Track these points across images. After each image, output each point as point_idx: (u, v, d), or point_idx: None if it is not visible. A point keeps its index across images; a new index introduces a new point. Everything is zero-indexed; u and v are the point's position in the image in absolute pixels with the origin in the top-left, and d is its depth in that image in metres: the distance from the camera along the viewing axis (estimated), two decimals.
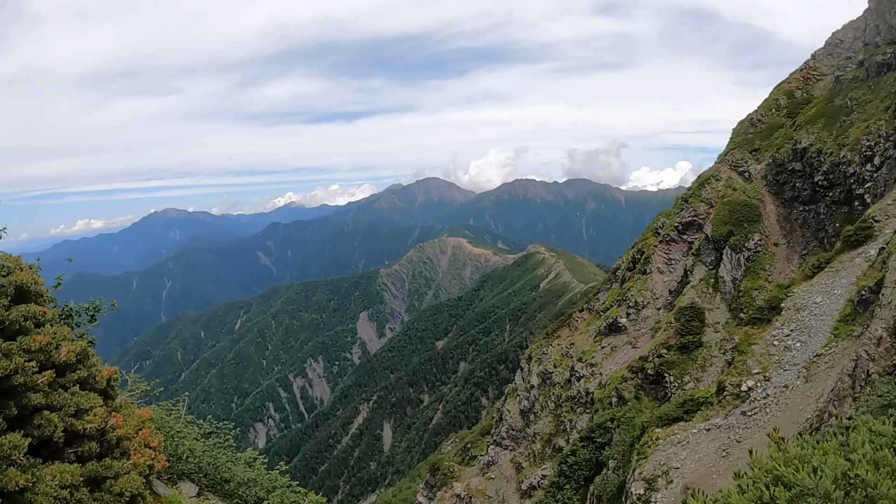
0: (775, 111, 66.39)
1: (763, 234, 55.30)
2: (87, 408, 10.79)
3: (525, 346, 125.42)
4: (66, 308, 15.68)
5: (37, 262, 12.89)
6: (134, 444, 12.03)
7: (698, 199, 61.72)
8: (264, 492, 21.53)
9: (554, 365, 65.12)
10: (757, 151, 63.12)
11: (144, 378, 22.32)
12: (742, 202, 57.60)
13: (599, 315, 65.70)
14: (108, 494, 10.55)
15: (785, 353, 32.68)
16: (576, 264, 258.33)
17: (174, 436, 19.60)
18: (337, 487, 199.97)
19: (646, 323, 58.64)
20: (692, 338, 50.68)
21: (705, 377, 47.41)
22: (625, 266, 68.21)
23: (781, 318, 36.01)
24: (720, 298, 53.61)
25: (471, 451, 73.87)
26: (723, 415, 32.19)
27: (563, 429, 56.94)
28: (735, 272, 53.97)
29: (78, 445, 10.62)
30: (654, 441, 34.02)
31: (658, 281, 60.84)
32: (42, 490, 8.69)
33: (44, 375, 9.86)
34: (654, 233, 65.86)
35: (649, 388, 50.31)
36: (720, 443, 29.89)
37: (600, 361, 58.88)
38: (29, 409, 9.63)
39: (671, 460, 31.22)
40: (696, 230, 60.17)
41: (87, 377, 11.54)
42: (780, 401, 29.25)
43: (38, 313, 10.87)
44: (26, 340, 10.01)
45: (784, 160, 58.36)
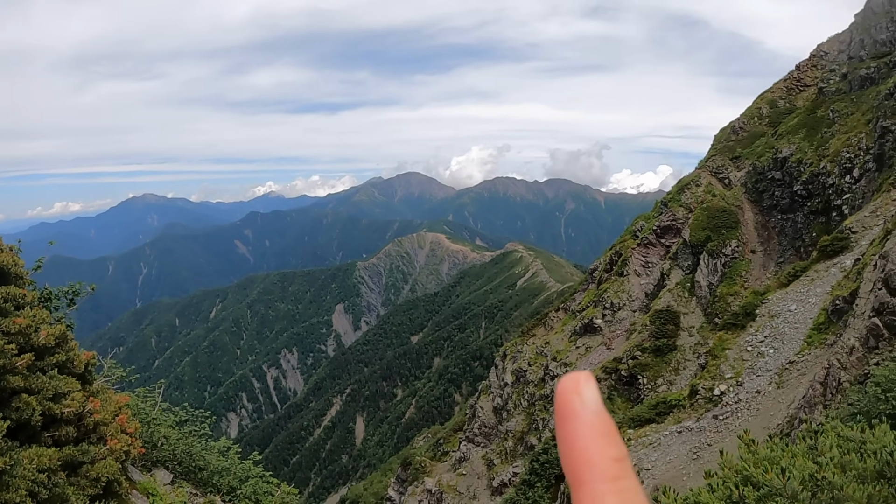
0: (757, 120, 66.93)
1: (741, 240, 55.76)
2: (66, 392, 10.79)
3: (500, 343, 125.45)
4: (45, 291, 15.64)
5: (17, 245, 12.87)
6: (111, 429, 12.03)
7: (678, 204, 62.14)
8: (237, 481, 21.55)
9: (528, 363, 65.29)
10: (738, 159, 63.58)
11: (120, 364, 22.27)
12: (721, 208, 58.03)
13: (575, 315, 65.93)
14: (84, 479, 10.56)
15: (758, 359, 33.03)
16: (553, 264, 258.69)
17: (150, 423, 19.58)
18: (308, 479, 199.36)
19: (621, 324, 58.95)
20: (667, 341, 51.03)
21: (678, 380, 47.78)
22: (602, 267, 68.51)
23: (756, 324, 36.36)
24: (696, 303, 54.01)
25: (443, 447, 73.93)
26: (695, 418, 32.49)
27: (536, 427, 57.13)
28: (711, 277, 54.39)
29: (55, 430, 10.62)
30: (625, 442, 34.22)
31: (635, 283, 61.18)
32: (20, 473, 8.69)
33: (23, 358, 9.85)
34: (632, 235, 66.19)
35: (622, 390, 50.63)
36: (691, 445, 30.17)
37: (574, 361, 59.11)
38: (7, 391, 9.62)
39: (642, 461, 31.46)
40: (675, 234, 60.56)
41: (65, 361, 11.53)
42: (751, 406, 29.58)
43: (18, 295, 10.86)
44: (5, 322, 9.99)
45: (764, 168, 58.82)
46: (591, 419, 0.74)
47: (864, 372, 21.79)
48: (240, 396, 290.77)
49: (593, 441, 0.73)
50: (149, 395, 24.41)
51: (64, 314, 16.18)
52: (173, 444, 20.26)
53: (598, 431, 0.74)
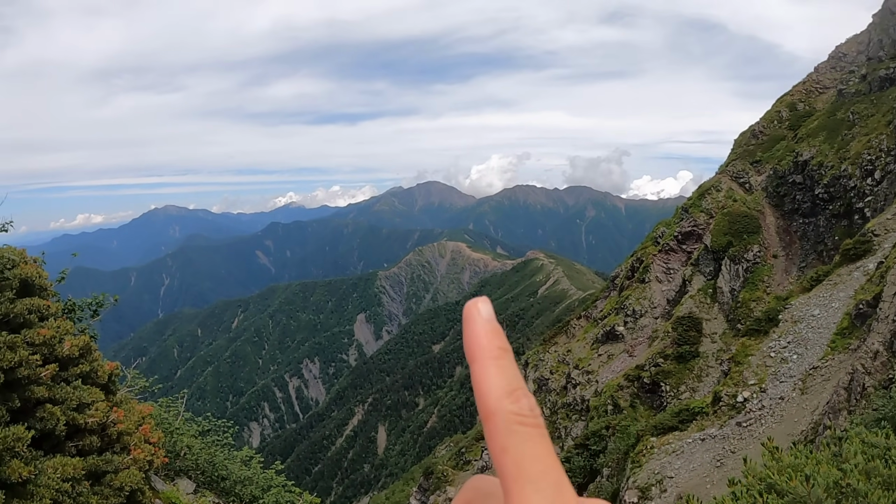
0: (777, 123, 66.52)
1: (762, 245, 55.40)
2: (89, 402, 10.87)
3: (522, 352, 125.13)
4: (68, 302, 15.77)
5: (41, 257, 12.99)
6: (134, 439, 12.11)
7: (698, 210, 61.80)
8: (260, 490, 21.60)
9: (550, 371, 65.12)
10: (758, 163, 63.22)
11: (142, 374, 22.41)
12: (742, 213, 57.69)
13: (597, 323, 65.70)
14: (108, 488, 10.62)
15: (781, 365, 32.76)
16: (574, 271, 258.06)
17: (173, 432, 19.67)
18: (330, 489, 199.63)
19: (643, 332, 58.67)
20: (689, 347, 50.75)
21: (701, 387, 47.48)
22: (623, 274, 68.22)
23: (779, 329, 36.07)
24: (718, 309, 53.68)
25: (465, 456, 73.73)
26: (718, 425, 32.24)
27: (559, 436, 56.94)
28: (733, 283, 54.07)
29: (79, 439, 10.69)
30: (648, 450, 34.04)
31: (656, 290, 60.89)
32: (44, 482, 8.76)
33: (47, 369, 9.93)
34: (653, 242, 65.87)
35: (645, 397, 50.36)
36: (715, 453, 29.94)
37: (597, 369, 58.90)
38: (32, 401, 9.70)
39: (665, 469, 31.26)
40: (696, 240, 60.22)
41: (89, 372, 11.61)
42: (775, 412, 29.33)
43: (42, 307, 10.96)
44: (30, 334, 10.08)
45: (785, 172, 58.47)
46: (485, 321, 0.95)
47: (888, 377, 21.57)
48: (262, 406, 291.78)
49: (485, 334, 0.93)
50: (172, 405, 24.54)
51: (87, 325, 16.29)
52: (196, 454, 20.34)
53: (489, 329, 0.94)
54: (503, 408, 0.90)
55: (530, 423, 0.90)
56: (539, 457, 0.89)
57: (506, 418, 0.89)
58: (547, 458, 0.90)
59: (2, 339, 9.16)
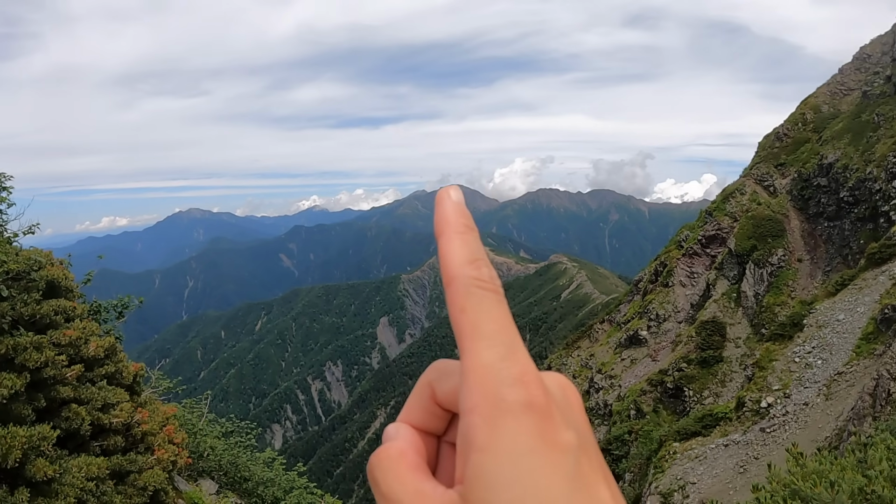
0: (801, 126, 66.05)
1: (787, 249, 55.00)
2: (114, 402, 10.98)
3: (545, 356, 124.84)
4: (94, 304, 15.93)
5: (67, 259, 13.14)
6: (158, 439, 12.21)
7: (722, 213, 61.47)
8: (282, 492, 21.72)
9: (573, 376, 64.91)
10: (782, 166, 62.80)
11: (166, 375, 22.58)
12: (766, 217, 57.31)
13: (620, 327, 65.47)
14: (131, 488, 10.72)
15: (806, 371, 32.52)
16: (598, 275, 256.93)
17: (196, 433, 19.81)
18: (352, 491, 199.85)
19: (666, 336, 58.41)
20: (713, 352, 50.44)
21: (725, 392, 47.18)
22: (647, 278, 67.95)
23: (803, 334, 35.82)
24: (742, 313, 53.35)
25: None
26: (741, 431, 32.05)
27: None
28: (758, 287, 53.71)
29: (104, 439, 10.80)
30: (671, 455, 33.89)
31: (680, 294, 60.61)
32: (68, 481, 8.85)
33: (73, 369, 10.04)
34: (677, 245, 65.54)
35: (668, 402, 50.12)
36: (738, 459, 29.76)
37: (620, 374, 58.69)
38: (57, 401, 9.81)
39: (688, 475, 31.11)
40: (720, 244, 59.89)
41: (114, 372, 11.73)
42: (799, 418, 29.12)
43: (68, 308, 11.07)
44: (56, 335, 10.19)
45: (809, 175, 58.02)
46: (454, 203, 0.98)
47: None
48: (284, 408, 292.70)
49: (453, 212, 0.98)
50: (195, 406, 24.72)
51: (113, 326, 16.46)
52: (219, 455, 20.47)
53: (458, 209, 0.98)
54: (464, 273, 0.95)
55: (489, 288, 0.95)
56: (495, 318, 0.93)
57: (466, 282, 0.94)
58: (503, 319, 0.94)
59: (28, 340, 9.26)
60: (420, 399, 1.04)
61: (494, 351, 0.91)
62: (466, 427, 0.89)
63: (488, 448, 0.87)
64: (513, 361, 0.91)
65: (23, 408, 8.86)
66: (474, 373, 0.91)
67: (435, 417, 1.03)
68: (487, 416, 0.88)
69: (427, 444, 1.03)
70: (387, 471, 0.93)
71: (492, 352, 0.91)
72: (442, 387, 1.02)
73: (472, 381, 0.90)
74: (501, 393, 0.88)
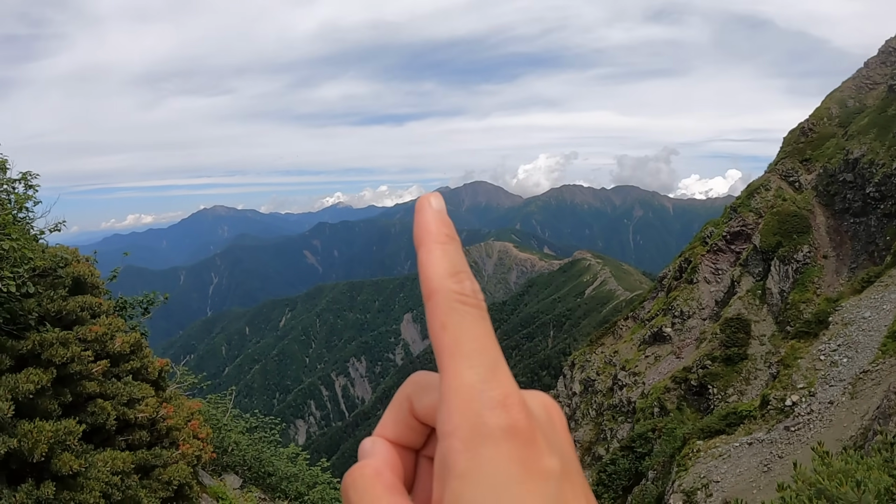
0: (827, 120, 65.43)
1: (812, 245, 54.54)
2: (140, 398, 11.14)
3: (568, 352, 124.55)
4: (120, 300, 16.13)
5: (93, 256, 13.30)
6: (183, 434, 12.38)
7: (747, 209, 61.08)
8: (305, 487, 21.89)
9: (597, 373, 64.85)
10: (808, 161, 62.27)
11: (191, 371, 22.79)
12: (792, 213, 56.88)
13: (644, 324, 65.26)
14: (156, 482, 10.87)
15: (831, 369, 32.27)
16: (622, 272, 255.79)
17: (220, 428, 20.01)
18: None
19: (691, 333, 58.17)
20: (737, 350, 50.18)
21: (749, 390, 46.93)
22: (671, 275, 67.65)
23: (829, 332, 35.53)
24: (767, 310, 53.02)
25: None
26: (766, 429, 31.86)
27: (604, 437, 56.67)
28: (783, 284, 53.34)
29: (129, 434, 10.96)
30: (694, 453, 33.75)
31: (704, 291, 60.32)
32: (94, 475, 8.98)
33: (99, 365, 10.18)
34: (701, 242, 65.20)
35: (692, 400, 49.93)
36: (762, 457, 29.60)
37: (643, 371, 58.52)
38: (84, 396, 9.96)
39: (712, 473, 30.97)
40: (745, 240, 59.53)
41: (139, 368, 11.90)
42: (824, 417, 28.92)
43: (94, 304, 11.23)
44: (82, 330, 10.35)
45: (835, 171, 57.47)
46: (435, 211, 0.95)
47: None
48: (308, 404, 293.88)
49: (434, 221, 0.94)
50: (220, 401, 24.97)
51: (138, 323, 16.67)
52: (243, 450, 20.66)
53: (438, 217, 0.95)
54: (445, 286, 0.91)
55: (471, 303, 0.91)
56: (477, 335, 0.89)
57: (447, 296, 0.90)
58: (485, 337, 0.89)
59: (55, 336, 9.40)
60: (398, 413, 1.01)
61: (476, 371, 0.86)
62: (445, 451, 0.84)
63: (468, 475, 0.82)
64: (495, 383, 0.86)
65: (49, 402, 9.00)
66: (454, 394, 0.86)
67: (413, 431, 0.99)
68: (467, 441, 0.84)
69: (405, 458, 0.98)
70: (362, 492, 0.89)
71: (473, 372, 0.86)
72: (421, 401, 0.98)
73: (452, 403, 0.86)
74: (482, 417, 0.84)
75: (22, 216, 11.51)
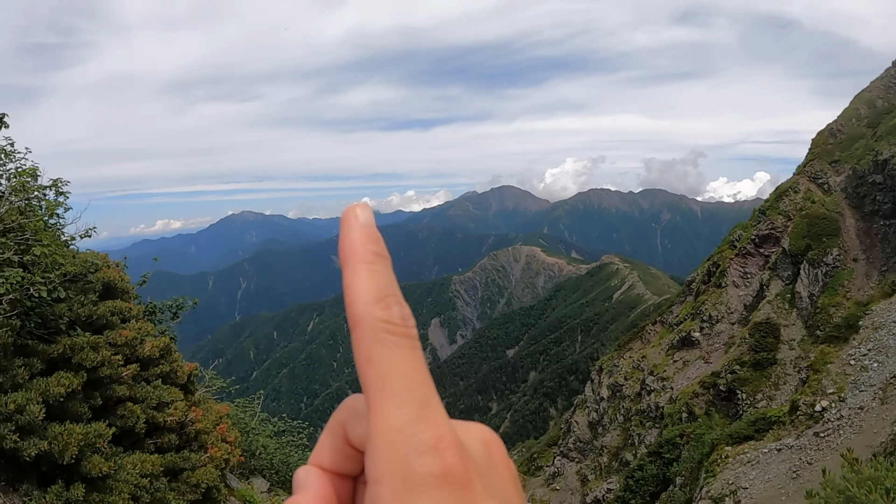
0: (856, 121, 64.79)
1: (842, 248, 53.95)
2: (169, 401, 11.31)
3: (596, 357, 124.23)
4: (149, 305, 16.36)
5: (123, 261, 13.52)
6: (211, 438, 12.54)
7: (776, 212, 60.56)
8: None
9: (624, 377, 64.55)
10: (837, 163, 61.63)
11: (220, 375, 23.01)
12: (821, 215, 56.32)
13: (672, 328, 64.87)
14: (184, 485, 11.02)
15: (861, 374, 31.93)
16: (650, 276, 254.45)
17: (249, 432, 20.18)
18: None
19: (719, 338, 57.75)
20: (766, 354, 49.77)
21: (778, 395, 46.53)
22: (699, 279, 67.20)
23: (859, 336, 35.17)
24: (796, 314, 52.52)
25: (537, 462, 73.59)
26: (795, 435, 31.58)
27: (632, 443, 56.41)
28: (812, 288, 52.81)
29: (158, 437, 11.13)
30: (723, 459, 33.53)
31: (733, 295, 59.87)
32: (123, 478, 9.12)
33: (128, 369, 10.36)
34: (730, 245, 64.69)
35: (720, 405, 49.55)
36: (791, 464, 29.35)
37: (672, 375, 58.18)
38: (113, 400, 10.13)
39: (740, 480, 30.75)
40: (774, 244, 59.02)
41: (169, 372, 12.08)
42: (854, 423, 28.62)
43: (124, 309, 11.43)
44: (113, 335, 10.53)
45: (864, 172, 56.83)
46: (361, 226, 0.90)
47: None
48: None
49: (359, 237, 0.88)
50: (248, 405, 25.17)
51: (167, 327, 16.89)
52: (271, 454, 20.82)
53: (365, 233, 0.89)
54: (371, 314, 0.85)
55: (400, 333, 0.85)
56: (405, 370, 0.82)
57: (373, 325, 0.84)
58: (414, 371, 0.83)
59: (85, 340, 9.56)
60: (332, 440, 0.94)
61: (404, 411, 0.81)
62: (374, 499, 0.81)
63: None
64: (426, 424, 0.81)
65: (79, 406, 9.15)
66: (382, 438, 0.81)
67: (349, 459, 0.92)
68: (396, 491, 0.80)
69: (341, 487, 0.92)
70: None
71: (401, 412, 0.81)
72: (355, 429, 0.91)
73: (380, 448, 0.81)
74: (412, 464, 0.79)
75: (53, 222, 11.71)
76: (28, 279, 8.38)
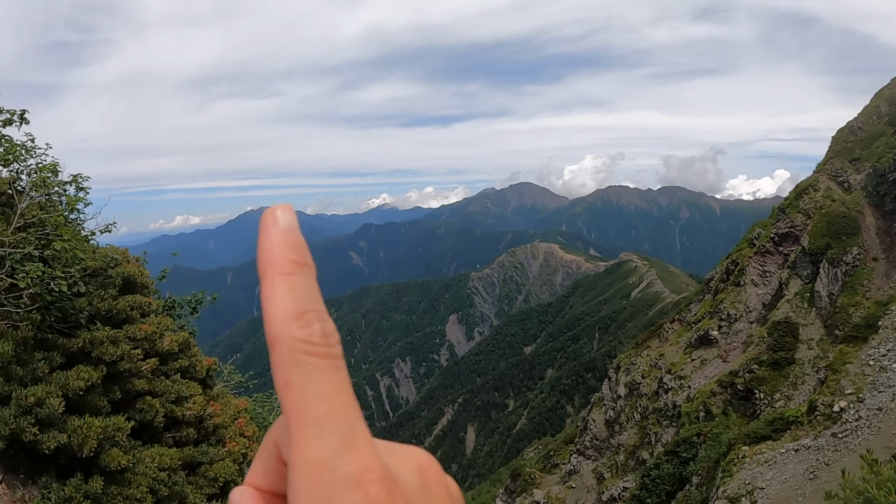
0: (876, 118, 64.23)
1: (862, 247, 53.50)
2: (187, 395, 11.43)
3: (613, 355, 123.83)
4: (169, 300, 16.51)
5: (143, 256, 13.65)
6: (230, 432, 12.66)
7: (795, 210, 60.15)
8: None
9: (642, 376, 64.33)
10: (857, 161, 61.11)
11: (238, 370, 23.14)
12: (841, 214, 55.89)
13: (690, 327, 64.58)
14: (202, 479, 11.13)
15: (880, 374, 31.74)
16: (668, 274, 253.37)
17: (266, 427, 20.25)
18: None
19: (737, 336, 57.47)
20: (785, 354, 49.48)
21: (796, 395, 46.26)
22: (718, 277, 66.86)
23: (878, 336, 34.98)
24: (815, 314, 52.18)
25: (553, 459, 73.43)
26: (812, 435, 31.43)
27: (648, 441, 56.25)
28: (832, 287, 52.43)
29: (177, 431, 11.26)
30: (740, 459, 33.41)
31: (752, 294, 59.54)
32: (141, 471, 9.24)
33: (148, 363, 10.49)
34: (748, 243, 64.31)
35: (738, 404, 49.32)
36: (808, 464, 29.21)
37: (689, 374, 57.95)
38: (132, 394, 10.25)
39: (757, 480, 30.64)
40: (793, 242, 58.65)
41: (188, 366, 12.21)
42: (872, 423, 28.46)
43: (144, 304, 11.56)
44: (132, 329, 10.65)
45: (885, 170, 56.31)
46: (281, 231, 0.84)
47: None
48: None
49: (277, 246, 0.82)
50: (266, 400, 25.30)
51: (186, 322, 17.02)
52: None
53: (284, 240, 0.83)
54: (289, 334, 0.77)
55: (320, 353, 0.79)
56: (326, 396, 0.76)
57: (291, 346, 0.77)
58: (336, 396, 0.76)
59: (105, 334, 9.67)
60: (266, 459, 0.86)
61: (326, 442, 0.73)
62: None
63: None
64: (349, 457, 0.73)
65: (99, 399, 9.27)
66: (301, 471, 0.73)
67: (283, 478, 0.81)
68: None
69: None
70: None
71: (322, 443, 0.73)
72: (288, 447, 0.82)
73: (301, 482, 0.73)
74: (334, 501, 0.73)
75: (73, 217, 11.85)
76: (48, 274, 8.50)
